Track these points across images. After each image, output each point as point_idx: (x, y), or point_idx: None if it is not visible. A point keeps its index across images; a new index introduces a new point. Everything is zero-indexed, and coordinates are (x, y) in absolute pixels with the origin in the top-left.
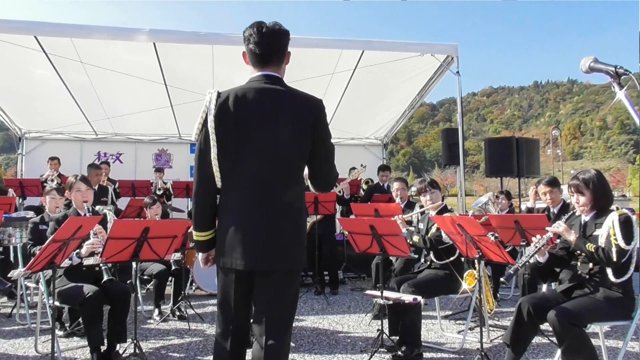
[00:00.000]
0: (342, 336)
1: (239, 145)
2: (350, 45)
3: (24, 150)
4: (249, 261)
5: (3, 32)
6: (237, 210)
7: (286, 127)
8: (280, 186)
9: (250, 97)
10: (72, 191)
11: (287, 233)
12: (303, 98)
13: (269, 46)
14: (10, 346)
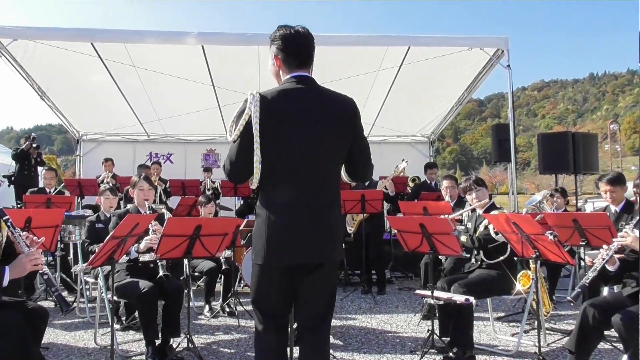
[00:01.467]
0: (390, 336)
1: (282, 145)
2: (396, 42)
3: (82, 151)
4: (299, 256)
5: (62, 40)
6: (282, 208)
7: (326, 126)
8: (323, 183)
9: (290, 98)
10: (135, 189)
11: (330, 228)
12: (339, 98)
13: (306, 49)
14: (71, 338)
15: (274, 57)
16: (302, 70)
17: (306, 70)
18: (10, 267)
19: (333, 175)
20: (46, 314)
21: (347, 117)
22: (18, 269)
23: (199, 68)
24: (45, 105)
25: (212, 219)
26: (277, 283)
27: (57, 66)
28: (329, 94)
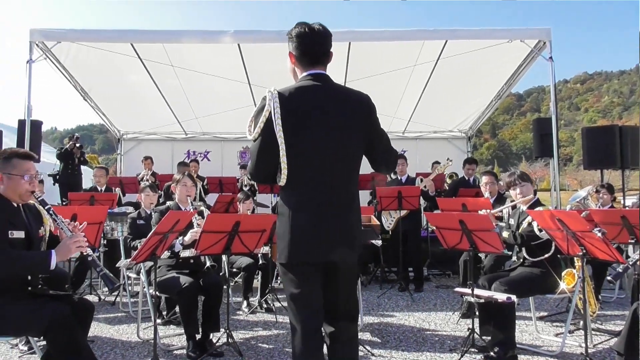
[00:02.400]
0: (429, 334)
1: (300, 142)
2: (433, 36)
3: (122, 150)
4: (326, 253)
5: (103, 41)
6: (303, 206)
7: (343, 123)
8: (345, 180)
9: (307, 95)
10: (178, 185)
11: (355, 224)
12: (354, 95)
13: (321, 47)
14: (115, 332)
15: (289, 55)
16: (318, 68)
17: (322, 68)
18: (56, 250)
19: (352, 172)
20: (92, 307)
21: (364, 113)
22: (63, 252)
23: (235, 66)
24: (87, 105)
25: (251, 215)
26: (303, 281)
27: (98, 67)
28: (345, 91)
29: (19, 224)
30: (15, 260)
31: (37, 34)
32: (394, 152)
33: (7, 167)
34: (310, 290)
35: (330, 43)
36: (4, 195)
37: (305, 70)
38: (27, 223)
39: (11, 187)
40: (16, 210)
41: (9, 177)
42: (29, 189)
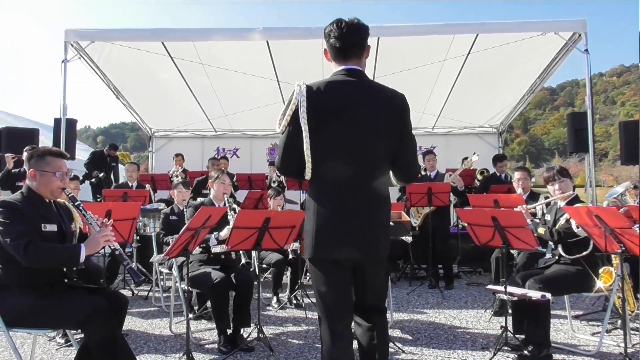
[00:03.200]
0: (460, 331)
1: (329, 136)
2: (464, 30)
3: (154, 147)
4: (350, 251)
5: (135, 40)
6: (334, 202)
7: (374, 119)
8: (371, 176)
9: (339, 89)
10: (216, 182)
11: (382, 220)
12: (388, 92)
13: (348, 39)
14: (148, 326)
15: (324, 51)
16: (351, 63)
17: (355, 63)
18: (85, 244)
19: (381, 170)
20: (126, 300)
21: (396, 111)
22: (92, 245)
23: (263, 63)
24: (120, 104)
25: (281, 211)
26: (330, 277)
27: (131, 66)
28: (378, 88)
29: (51, 218)
30: (46, 252)
31: (71, 34)
32: (418, 165)
33: (40, 164)
34: (336, 286)
35: (362, 37)
36: (36, 191)
37: (339, 65)
38: (59, 218)
39: (43, 184)
40: (48, 206)
41: (42, 174)
42: (60, 186)
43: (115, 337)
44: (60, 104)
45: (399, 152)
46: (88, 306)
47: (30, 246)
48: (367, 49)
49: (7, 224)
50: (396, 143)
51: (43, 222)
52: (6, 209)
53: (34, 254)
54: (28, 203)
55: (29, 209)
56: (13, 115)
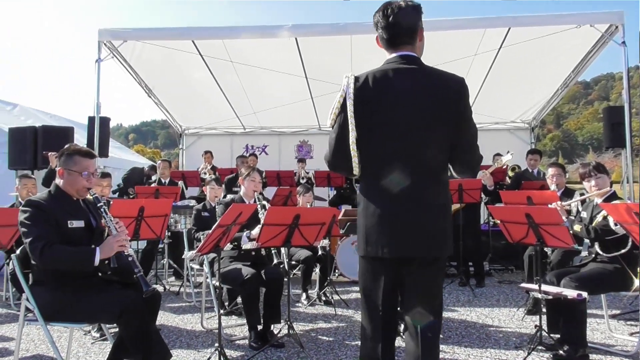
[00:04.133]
0: (492, 330)
1: (379, 129)
2: (495, 23)
3: (184, 145)
4: (396, 249)
5: (166, 39)
6: (381, 197)
7: (427, 108)
8: (423, 170)
9: (388, 78)
10: (246, 180)
11: (433, 218)
12: (443, 77)
13: (395, 27)
14: (180, 321)
15: (376, 38)
16: (402, 49)
17: (408, 49)
18: (100, 247)
19: (436, 161)
20: (159, 295)
21: (450, 97)
22: (106, 250)
23: (292, 60)
24: (151, 102)
25: (310, 208)
26: (380, 276)
27: (162, 64)
28: (432, 73)
29: (78, 215)
30: (60, 256)
31: (105, 33)
32: (478, 154)
33: (68, 163)
34: (380, 284)
35: (412, 22)
36: (64, 189)
37: (390, 52)
38: (87, 214)
39: (69, 182)
40: (76, 203)
41: (69, 173)
42: (85, 186)
43: (150, 331)
44: (93, 102)
45: (455, 140)
46: (123, 300)
47: (46, 249)
48: (420, 31)
49: (29, 225)
50: (452, 131)
51: (69, 218)
52: (31, 209)
53: (48, 256)
54: (55, 201)
55: (56, 206)
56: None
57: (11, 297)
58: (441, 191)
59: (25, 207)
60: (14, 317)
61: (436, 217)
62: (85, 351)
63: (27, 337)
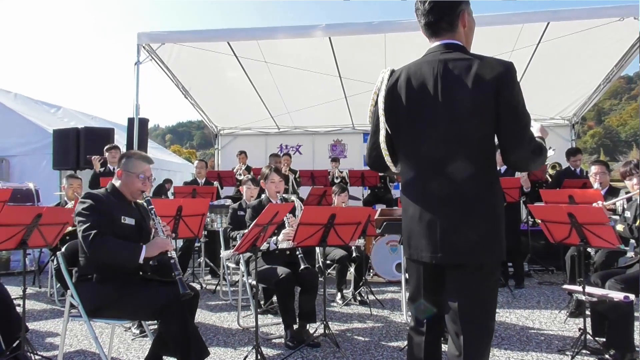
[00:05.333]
0: (533, 333)
1: (414, 124)
2: (533, 18)
3: (219, 145)
4: (435, 253)
5: (202, 40)
6: (419, 197)
7: (465, 99)
8: (464, 167)
9: (423, 72)
10: (266, 181)
11: (477, 220)
12: (485, 62)
13: (433, 13)
14: (217, 319)
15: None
16: (444, 38)
17: (449, 37)
18: (147, 246)
19: (480, 158)
20: (197, 293)
21: (493, 83)
22: (152, 249)
23: (326, 60)
24: (187, 103)
25: (346, 208)
26: (423, 278)
27: (198, 66)
28: (475, 60)
29: (131, 214)
30: (110, 247)
31: (144, 36)
32: (527, 146)
33: (127, 165)
34: (423, 285)
35: (450, 8)
36: (120, 190)
37: (432, 41)
38: (138, 215)
39: (126, 184)
40: (129, 203)
41: (127, 175)
42: (140, 188)
43: (189, 327)
44: (133, 104)
45: (502, 133)
46: (164, 297)
47: (97, 238)
48: (462, 16)
49: (86, 215)
50: (498, 123)
51: (123, 214)
52: (87, 200)
53: (99, 245)
54: (111, 197)
55: (112, 201)
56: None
57: (55, 293)
58: (486, 190)
59: (84, 198)
60: (58, 313)
61: (480, 219)
62: (126, 347)
63: (71, 333)
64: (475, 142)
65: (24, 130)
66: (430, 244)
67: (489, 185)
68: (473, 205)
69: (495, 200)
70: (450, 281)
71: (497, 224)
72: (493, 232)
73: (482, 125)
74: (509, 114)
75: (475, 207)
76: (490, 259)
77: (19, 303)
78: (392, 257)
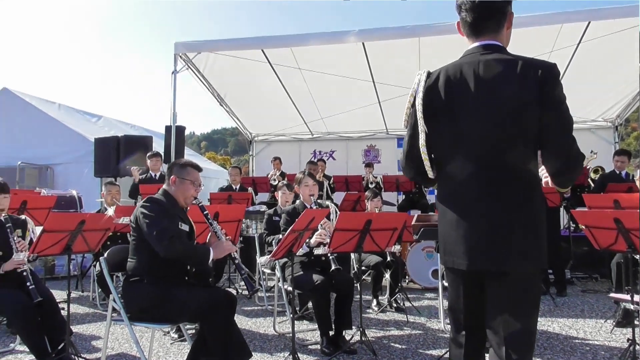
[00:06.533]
0: (578, 343)
1: (454, 127)
2: (573, 18)
3: (254, 151)
4: (472, 261)
5: (237, 49)
6: (457, 203)
7: (508, 100)
8: (507, 171)
9: (463, 72)
10: (300, 186)
11: (519, 226)
12: (528, 64)
13: (483, 12)
14: (253, 324)
15: (457, 24)
16: (486, 39)
17: (492, 38)
18: (213, 248)
19: (520, 163)
20: (235, 298)
21: (534, 84)
22: (218, 251)
23: (359, 65)
24: (222, 110)
25: (382, 213)
26: (460, 286)
27: (232, 73)
28: (516, 61)
29: (185, 220)
30: (186, 247)
31: (180, 46)
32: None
33: (182, 172)
34: (461, 295)
35: (501, 6)
36: (173, 196)
37: (473, 42)
38: (190, 220)
39: (181, 190)
40: (181, 208)
41: (182, 182)
42: (193, 195)
43: (232, 330)
44: (170, 112)
45: (541, 134)
46: (207, 300)
47: (175, 238)
48: (509, 17)
49: (154, 217)
50: (540, 126)
51: (179, 220)
52: (152, 204)
53: (177, 244)
54: (168, 203)
55: (170, 207)
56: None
57: (97, 297)
58: (529, 195)
59: (148, 202)
60: (100, 317)
61: (522, 225)
62: (165, 351)
63: (112, 336)
64: (517, 145)
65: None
66: (468, 251)
67: (531, 189)
68: (515, 210)
69: (538, 205)
70: (491, 290)
71: (540, 229)
72: (535, 238)
73: (525, 127)
74: (553, 111)
75: (517, 212)
76: (533, 266)
77: (63, 307)
78: (428, 263)
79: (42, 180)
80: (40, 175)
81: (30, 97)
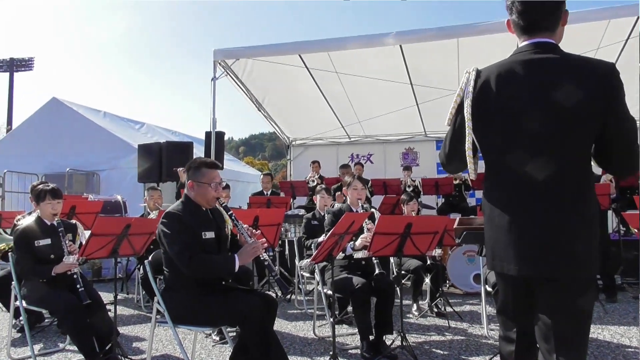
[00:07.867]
0: (631, 352)
1: (505, 132)
2: (621, 13)
3: (292, 155)
4: (522, 266)
5: (274, 54)
6: (507, 205)
7: (563, 105)
8: (561, 176)
9: (516, 72)
10: (349, 189)
11: (573, 231)
12: (585, 63)
13: (536, 12)
14: (292, 327)
15: (507, 22)
16: (539, 36)
17: (546, 36)
18: (238, 254)
19: (575, 166)
20: (275, 302)
21: (596, 86)
22: (244, 257)
23: (396, 68)
24: (261, 115)
25: (422, 217)
26: (510, 291)
27: (270, 79)
28: (573, 60)
29: (210, 226)
30: (207, 264)
31: (219, 53)
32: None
33: (197, 175)
34: (509, 299)
35: (556, 6)
36: (194, 200)
37: (523, 39)
38: (215, 224)
39: (200, 194)
40: (206, 214)
41: (199, 185)
42: (214, 196)
43: (270, 335)
44: (210, 118)
45: (603, 137)
46: (246, 305)
47: (195, 258)
48: (564, 15)
49: (172, 235)
50: (599, 128)
51: (203, 229)
52: (170, 220)
53: (197, 265)
54: (189, 212)
55: (190, 218)
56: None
57: (141, 299)
58: (583, 197)
59: (166, 219)
60: (144, 318)
61: (575, 229)
62: (207, 353)
63: (156, 338)
64: (574, 147)
65: (112, 146)
66: (518, 256)
67: (586, 192)
68: (569, 213)
69: (592, 208)
70: (542, 296)
71: (593, 234)
72: (588, 243)
73: (583, 129)
74: (616, 115)
75: (571, 216)
76: (585, 272)
77: (110, 308)
78: (469, 267)
79: (89, 186)
80: (88, 181)
81: (77, 105)
